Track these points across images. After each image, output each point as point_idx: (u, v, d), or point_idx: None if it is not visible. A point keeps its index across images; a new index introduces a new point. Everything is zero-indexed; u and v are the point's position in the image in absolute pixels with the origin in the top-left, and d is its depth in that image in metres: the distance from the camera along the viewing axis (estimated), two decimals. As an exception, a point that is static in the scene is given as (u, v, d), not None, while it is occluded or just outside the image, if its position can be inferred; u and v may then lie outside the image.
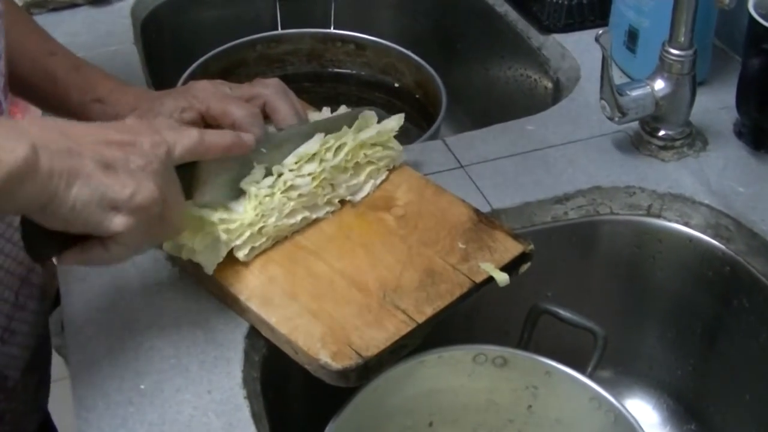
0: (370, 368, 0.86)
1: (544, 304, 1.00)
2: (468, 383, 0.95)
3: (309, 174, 0.97)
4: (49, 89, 1.06)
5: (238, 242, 0.93)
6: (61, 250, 0.80)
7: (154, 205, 0.79)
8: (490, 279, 0.94)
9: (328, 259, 0.95)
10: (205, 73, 1.45)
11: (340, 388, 0.86)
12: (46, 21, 1.47)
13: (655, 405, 1.20)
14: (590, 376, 0.93)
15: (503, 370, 0.94)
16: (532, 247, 0.97)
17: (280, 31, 1.60)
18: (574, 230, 1.11)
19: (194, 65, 1.46)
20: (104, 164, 0.77)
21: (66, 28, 1.45)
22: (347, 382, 0.86)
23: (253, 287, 0.92)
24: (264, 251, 0.96)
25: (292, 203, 0.96)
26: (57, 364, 2.19)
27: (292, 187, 0.96)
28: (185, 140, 0.85)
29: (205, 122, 1.01)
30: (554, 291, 1.14)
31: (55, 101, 1.06)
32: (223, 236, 0.92)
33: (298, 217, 0.98)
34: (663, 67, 1.11)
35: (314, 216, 1.00)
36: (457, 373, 0.94)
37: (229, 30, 1.59)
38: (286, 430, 0.97)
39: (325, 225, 1.00)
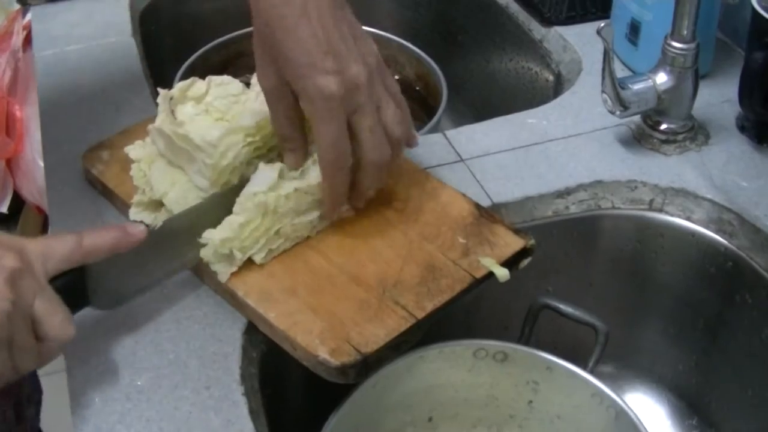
0: (369, 364, 0.86)
1: (544, 299, 0.99)
2: (468, 378, 0.94)
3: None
4: None
5: (253, 250, 0.92)
6: None
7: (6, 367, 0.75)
8: (491, 274, 0.93)
9: (328, 253, 0.95)
10: (204, 64, 1.44)
11: (339, 383, 0.86)
12: (44, 12, 1.47)
13: (656, 400, 1.19)
14: (591, 372, 0.93)
15: (504, 365, 0.93)
16: (533, 241, 0.96)
17: (279, 22, 1.59)
18: (576, 225, 1.10)
19: (193, 57, 1.45)
20: None
21: (64, 19, 1.45)
22: (346, 378, 0.85)
23: (251, 282, 0.92)
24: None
25: (307, 199, 0.95)
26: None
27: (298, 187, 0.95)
28: (59, 250, 0.80)
29: None
30: (555, 286, 1.13)
31: None
32: (238, 255, 0.91)
33: (315, 214, 0.96)
34: (665, 61, 1.10)
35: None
36: (457, 368, 0.93)
37: (229, 21, 1.57)
38: (285, 426, 0.97)
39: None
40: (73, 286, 0.83)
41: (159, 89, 1.02)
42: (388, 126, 0.90)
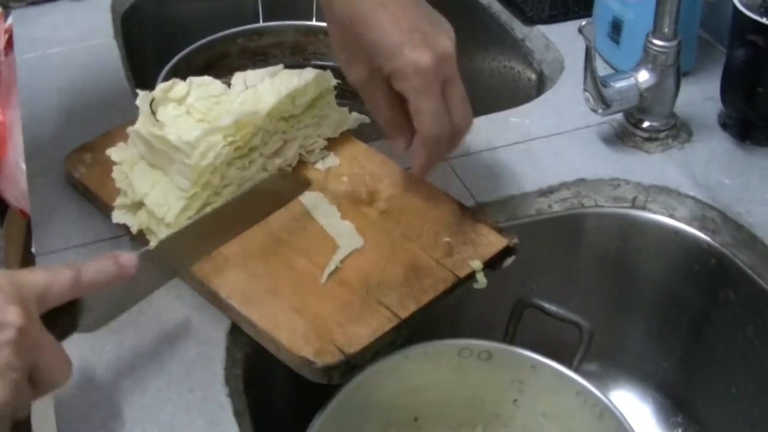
0: (353, 365, 0.85)
1: (529, 298, 0.99)
2: (453, 378, 0.94)
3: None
4: None
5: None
6: None
7: (7, 407, 0.70)
8: (474, 273, 0.93)
9: (311, 254, 0.94)
10: (187, 66, 1.44)
11: (324, 384, 0.85)
12: (26, 15, 1.46)
13: (641, 398, 1.19)
14: (576, 370, 0.93)
15: (488, 364, 0.93)
16: (516, 240, 0.96)
17: (262, 23, 1.59)
18: (559, 223, 1.10)
19: (176, 58, 1.45)
20: None
21: (46, 22, 1.44)
22: (330, 379, 0.85)
23: (233, 283, 0.91)
24: (245, 247, 0.95)
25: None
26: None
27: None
28: (58, 288, 0.76)
29: None
30: (539, 284, 1.13)
31: None
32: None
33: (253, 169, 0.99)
34: (647, 59, 1.10)
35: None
36: (441, 368, 0.93)
37: (211, 23, 1.57)
38: (270, 427, 0.97)
39: (307, 221, 0.98)
40: (64, 317, 0.80)
41: (139, 91, 1.02)
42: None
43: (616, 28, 1.25)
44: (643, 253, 1.11)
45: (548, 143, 1.15)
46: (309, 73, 1.05)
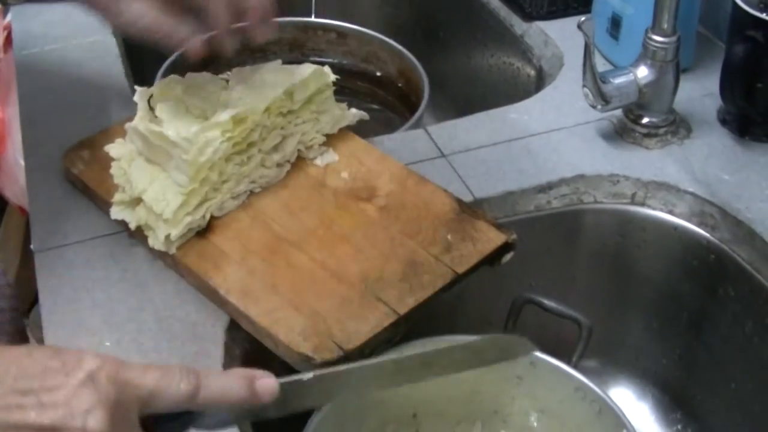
0: (352, 361, 0.85)
1: (528, 294, 0.99)
2: (451, 375, 0.94)
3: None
4: None
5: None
6: None
7: None
8: (473, 270, 0.93)
9: (309, 250, 0.94)
10: (185, 63, 1.43)
11: (322, 382, 0.85)
12: (23, 12, 1.46)
13: (640, 394, 1.19)
14: (575, 366, 0.93)
15: (487, 360, 0.93)
16: (515, 236, 0.96)
17: (261, 20, 1.59)
18: (558, 219, 1.10)
19: (174, 55, 1.44)
20: None
21: (44, 19, 1.44)
22: (329, 375, 0.85)
23: (232, 280, 0.92)
24: (243, 244, 0.95)
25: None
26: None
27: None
28: (169, 394, 0.66)
29: None
30: (538, 280, 1.13)
31: None
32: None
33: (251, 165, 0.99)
34: (646, 54, 1.10)
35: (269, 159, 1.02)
36: (440, 364, 0.93)
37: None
38: (268, 424, 0.96)
39: (306, 217, 0.99)
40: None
41: (137, 87, 1.02)
42: None
43: (615, 24, 1.25)
44: (642, 249, 1.12)
45: (547, 139, 1.15)
46: (307, 69, 1.05)
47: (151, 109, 1.00)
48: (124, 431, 0.63)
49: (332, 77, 1.07)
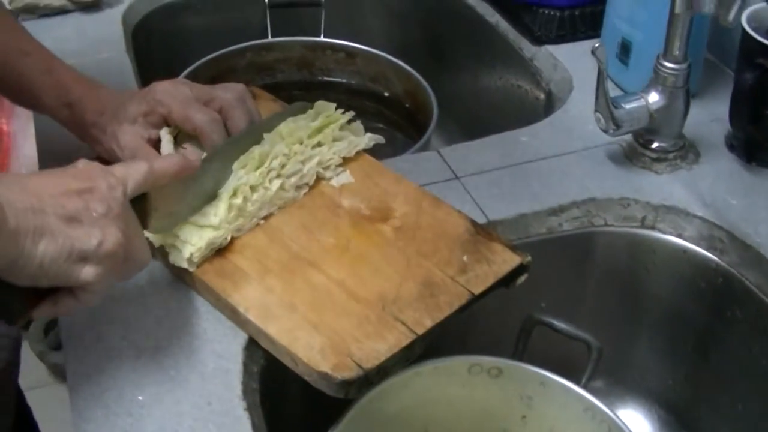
0: (370, 380, 0.86)
1: (538, 315, 1.00)
2: (463, 393, 0.95)
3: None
4: (23, 90, 1.07)
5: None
6: (32, 305, 0.80)
7: (121, 250, 0.80)
8: (489, 291, 0.94)
9: (327, 270, 0.95)
10: (195, 79, 1.43)
11: (336, 398, 0.86)
12: (36, 27, 1.47)
13: (647, 415, 1.20)
14: (584, 387, 0.93)
15: (498, 380, 0.94)
16: (529, 258, 0.97)
17: (270, 38, 1.60)
18: (569, 242, 1.11)
19: (185, 72, 1.46)
20: (67, 217, 0.78)
21: (56, 35, 1.45)
22: (347, 393, 0.86)
23: (251, 298, 0.92)
24: (262, 262, 0.96)
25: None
26: (36, 370, 2.16)
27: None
28: (135, 174, 0.86)
29: (167, 123, 1.03)
30: (548, 302, 1.14)
31: (28, 102, 1.09)
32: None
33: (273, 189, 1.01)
34: (657, 80, 1.12)
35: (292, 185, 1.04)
36: (452, 383, 0.94)
37: (220, 37, 1.58)
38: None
39: (323, 236, 0.99)
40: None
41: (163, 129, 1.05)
42: None
43: (624, 49, 1.26)
44: (652, 271, 1.13)
45: (558, 162, 1.16)
46: (320, 115, 1.10)
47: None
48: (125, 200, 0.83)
49: (345, 119, 1.11)
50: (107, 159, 1.06)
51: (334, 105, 1.12)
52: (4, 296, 0.78)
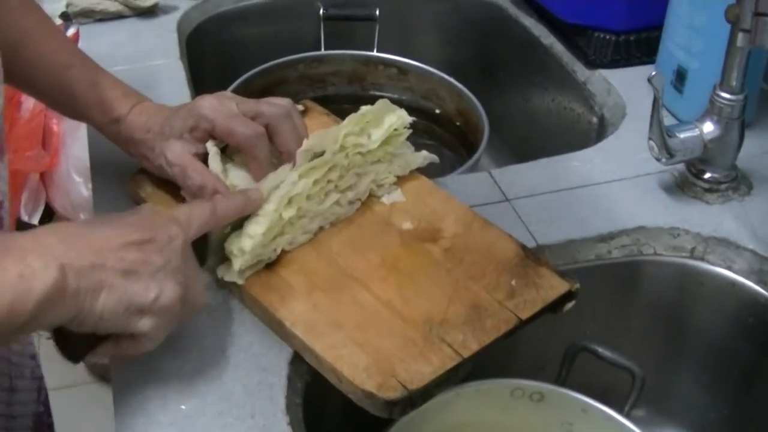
0: (414, 401, 0.86)
1: (583, 342, 1.00)
2: (501, 418, 0.95)
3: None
4: (69, 105, 1.08)
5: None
6: (94, 345, 0.83)
7: (178, 303, 0.83)
8: (536, 316, 0.94)
9: (374, 289, 0.95)
10: (246, 90, 1.46)
11: (375, 417, 0.86)
12: (92, 31, 1.49)
13: (687, 447, 1.19)
14: (627, 416, 0.93)
15: (539, 405, 0.94)
16: (578, 285, 0.97)
17: (323, 51, 1.61)
18: (617, 269, 1.11)
19: (237, 82, 1.47)
20: (126, 271, 0.79)
21: (111, 39, 1.46)
22: (391, 413, 0.85)
23: (298, 313, 0.92)
24: (309, 277, 0.96)
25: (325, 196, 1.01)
26: (64, 371, 2.15)
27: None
28: (199, 218, 0.90)
29: (212, 137, 1.03)
30: (592, 328, 1.13)
31: (76, 116, 1.10)
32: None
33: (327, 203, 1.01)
34: (713, 110, 1.11)
35: (346, 200, 1.04)
36: (492, 406, 0.94)
37: (273, 48, 1.59)
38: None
39: (371, 254, 0.99)
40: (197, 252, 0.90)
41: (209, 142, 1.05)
42: None
43: (680, 77, 1.26)
44: (699, 303, 1.12)
45: (609, 188, 1.16)
46: (385, 107, 1.06)
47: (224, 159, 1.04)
48: (188, 249, 0.86)
49: (409, 120, 1.08)
50: (156, 174, 1.07)
51: (401, 110, 1.09)
52: (65, 341, 0.81)
